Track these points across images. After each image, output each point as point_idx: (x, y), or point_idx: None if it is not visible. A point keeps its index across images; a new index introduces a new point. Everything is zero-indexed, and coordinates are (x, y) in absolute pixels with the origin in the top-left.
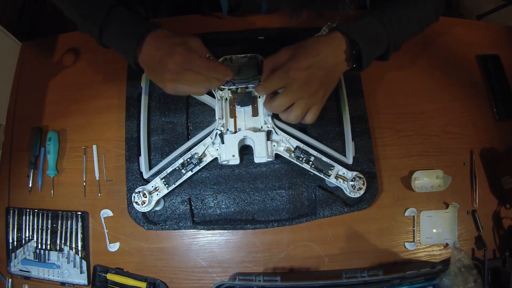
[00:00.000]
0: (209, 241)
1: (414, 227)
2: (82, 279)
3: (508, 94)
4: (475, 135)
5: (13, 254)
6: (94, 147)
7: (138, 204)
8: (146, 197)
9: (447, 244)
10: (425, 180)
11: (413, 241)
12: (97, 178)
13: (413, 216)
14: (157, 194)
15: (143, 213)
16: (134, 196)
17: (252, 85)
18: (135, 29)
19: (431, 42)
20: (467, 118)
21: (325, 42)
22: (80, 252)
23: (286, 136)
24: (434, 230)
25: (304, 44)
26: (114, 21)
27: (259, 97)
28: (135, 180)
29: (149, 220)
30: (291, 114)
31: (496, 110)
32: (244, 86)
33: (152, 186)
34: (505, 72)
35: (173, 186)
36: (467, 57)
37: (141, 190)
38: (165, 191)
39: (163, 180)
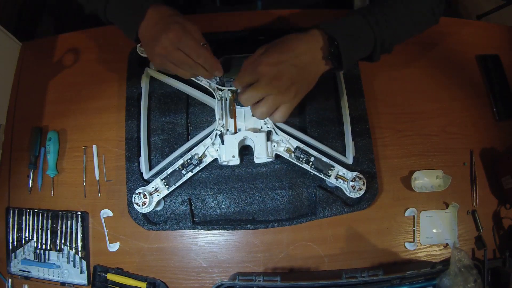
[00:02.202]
0: (209, 241)
1: (414, 227)
2: (82, 279)
3: (508, 94)
4: (475, 135)
5: (13, 254)
6: (94, 147)
7: (139, 205)
8: (146, 198)
9: (447, 244)
10: (425, 180)
11: (413, 241)
12: (97, 178)
13: (413, 216)
14: (158, 195)
15: (143, 214)
16: (134, 197)
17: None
18: (138, 2)
19: (431, 42)
20: (467, 118)
21: (300, 39)
22: (80, 252)
23: (286, 136)
24: (434, 230)
25: (280, 41)
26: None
27: None
28: (136, 180)
29: (149, 220)
30: (257, 109)
31: (496, 110)
32: None
33: (153, 187)
34: (505, 72)
35: (174, 187)
36: (467, 57)
37: (141, 191)
38: (165, 191)
39: (164, 181)
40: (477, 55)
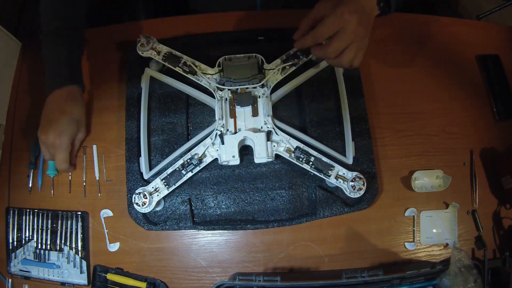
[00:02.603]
0: (209, 241)
1: (414, 227)
2: (82, 279)
3: (508, 94)
4: (475, 135)
5: (13, 254)
6: (94, 147)
7: (139, 205)
8: (146, 198)
9: (447, 244)
10: (425, 180)
11: (413, 241)
12: (97, 178)
13: (413, 216)
14: (158, 195)
15: (144, 214)
16: (134, 197)
17: (253, 85)
18: (59, 74)
19: (431, 42)
20: (467, 118)
21: None
22: (80, 252)
23: (286, 136)
24: (434, 230)
25: None
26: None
27: (259, 97)
28: (136, 180)
29: (149, 220)
30: (344, 57)
31: (496, 110)
32: (244, 86)
33: (153, 187)
34: (505, 72)
35: (174, 187)
36: (467, 57)
37: (141, 191)
38: (165, 192)
39: (164, 181)
40: (477, 55)
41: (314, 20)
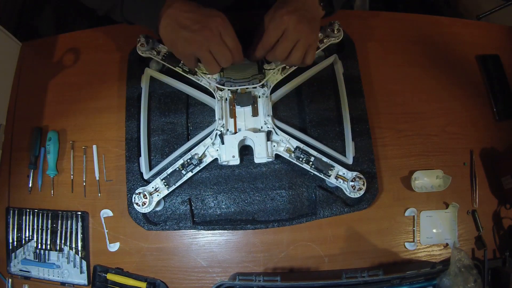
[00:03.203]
0: (209, 241)
1: (414, 227)
2: (82, 279)
3: (508, 94)
4: (475, 135)
5: (13, 254)
6: (94, 147)
7: (139, 205)
8: (146, 198)
9: (447, 244)
10: (425, 180)
11: (413, 241)
12: (97, 178)
13: (413, 216)
14: (158, 195)
15: (143, 214)
16: (134, 197)
17: (253, 85)
18: None
19: (431, 42)
20: (467, 118)
21: None
22: (80, 252)
23: (286, 136)
24: (434, 230)
25: (281, 1)
26: None
27: (259, 97)
28: (136, 180)
29: (149, 220)
30: (293, 56)
31: (496, 110)
32: (244, 86)
33: (153, 187)
34: (505, 72)
35: (174, 187)
36: (467, 57)
37: (141, 191)
38: (165, 192)
39: (164, 181)
40: (477, 55)
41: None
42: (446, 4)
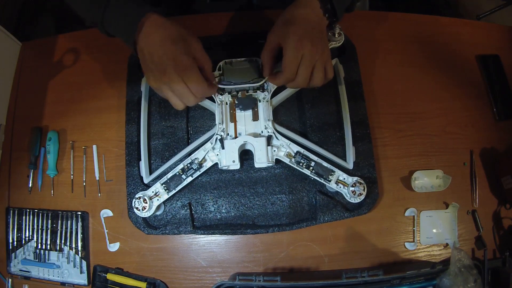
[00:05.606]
0: (209, 241)
1: (414, 227)
2: (82, 279)
3: (508, 94)
4: (475, 135)
5: (13, 254)
6: (94, 147)
7: (139, 210)
8: (146, 202)
9: (447, 244)
10: (425, 180)
11: (413, 241)
12: (97, 178)
13: (413, 216)
14: (158, 200)
15: (143, 218)
16: (134, 202)
17: (253, 89)
18: (134, 13)
19: (431, 42)
20: (467, 118)
21: (301, 6)
22: (80, 252)
23: (287, 141)
24: (434, 230)
25: (286, 18)
26: (113, 6)
27: (260, 101)
28: (136, 184)
29: (149, 224)
30: (315, 79)
31: (496, 110)
32: (245, 90)
33: (153, 192)
34: (505, 72)
35: (174, 191)
36: (467, 57)
37: (141, 195)
38: (165, 196)
39: (164, 185)
40: (477, 55)
41: (272, 51)
42: (446, 4)
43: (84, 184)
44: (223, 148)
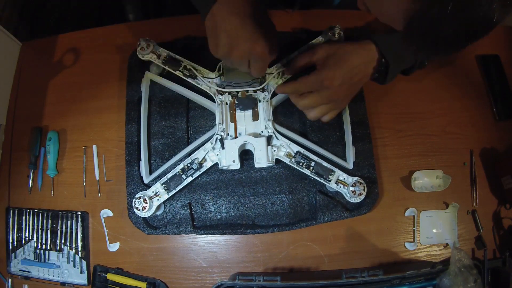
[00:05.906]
0: (209, 241)
1: (414, 227)
2: (82, 279)
3: (508, 94)
4: (475, 135)
5: (13, 254)
6: (94, 147)
7: (139, 210)
8: (146, 202)
9: (447, 244)
10: (425, 180)
11: (413, 241)
12: (97, 178)
13: (413, 216)
14: (158, 200)
15: (143, 218)
16: (134, 202)
17: (253, 89)
18: None
19: None
20: (467, 118)
21: (358, 53)
22: (80, 252)
23: (287, 141)
24: (434, 230)
25: (340, 52)
26: None
27: (260, 101)
28: (136, 184)
29: (149, 224)
30: (312, 112)
31: (496, 110)
32: (245, 89)
33: (153, 192)
34: (505, 72)
35: (174, 191)
36: (467, 57)
37: (141, 195)
38: (165, 196)
39: (164, 185)
40: (477, 55)
41: (309, 62)
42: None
43: (84, 184)
44: (223, 148)
